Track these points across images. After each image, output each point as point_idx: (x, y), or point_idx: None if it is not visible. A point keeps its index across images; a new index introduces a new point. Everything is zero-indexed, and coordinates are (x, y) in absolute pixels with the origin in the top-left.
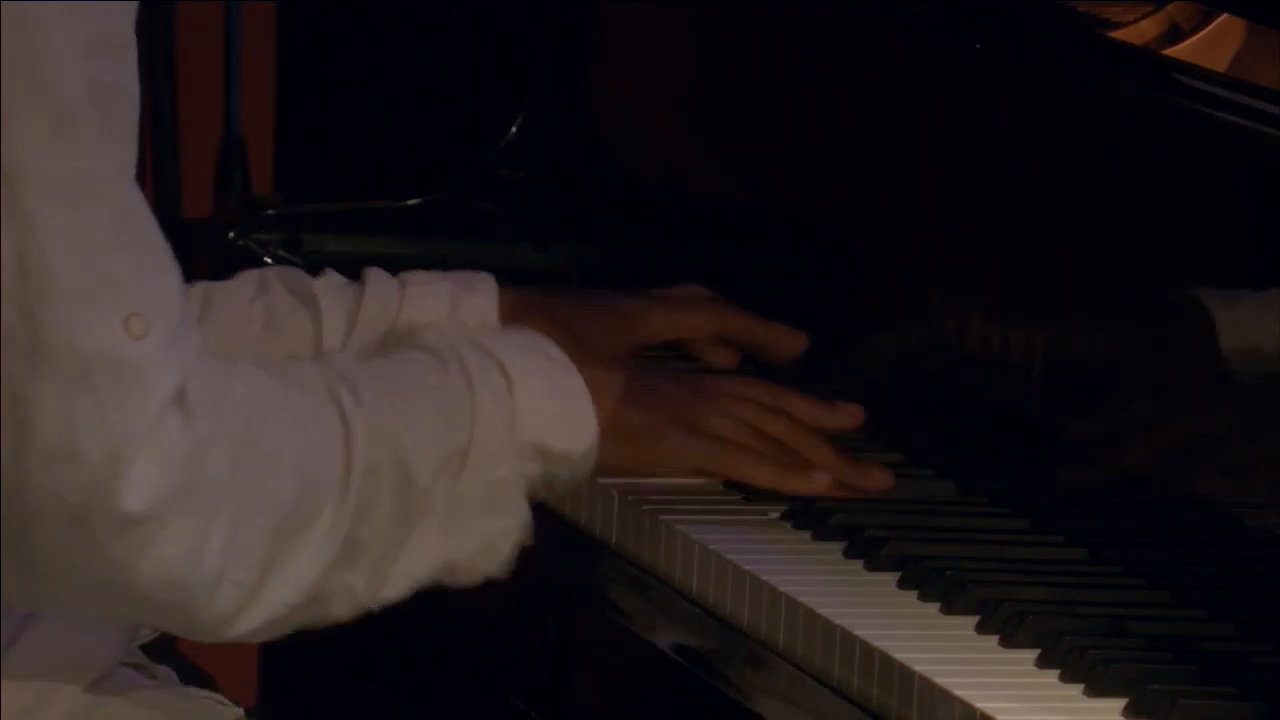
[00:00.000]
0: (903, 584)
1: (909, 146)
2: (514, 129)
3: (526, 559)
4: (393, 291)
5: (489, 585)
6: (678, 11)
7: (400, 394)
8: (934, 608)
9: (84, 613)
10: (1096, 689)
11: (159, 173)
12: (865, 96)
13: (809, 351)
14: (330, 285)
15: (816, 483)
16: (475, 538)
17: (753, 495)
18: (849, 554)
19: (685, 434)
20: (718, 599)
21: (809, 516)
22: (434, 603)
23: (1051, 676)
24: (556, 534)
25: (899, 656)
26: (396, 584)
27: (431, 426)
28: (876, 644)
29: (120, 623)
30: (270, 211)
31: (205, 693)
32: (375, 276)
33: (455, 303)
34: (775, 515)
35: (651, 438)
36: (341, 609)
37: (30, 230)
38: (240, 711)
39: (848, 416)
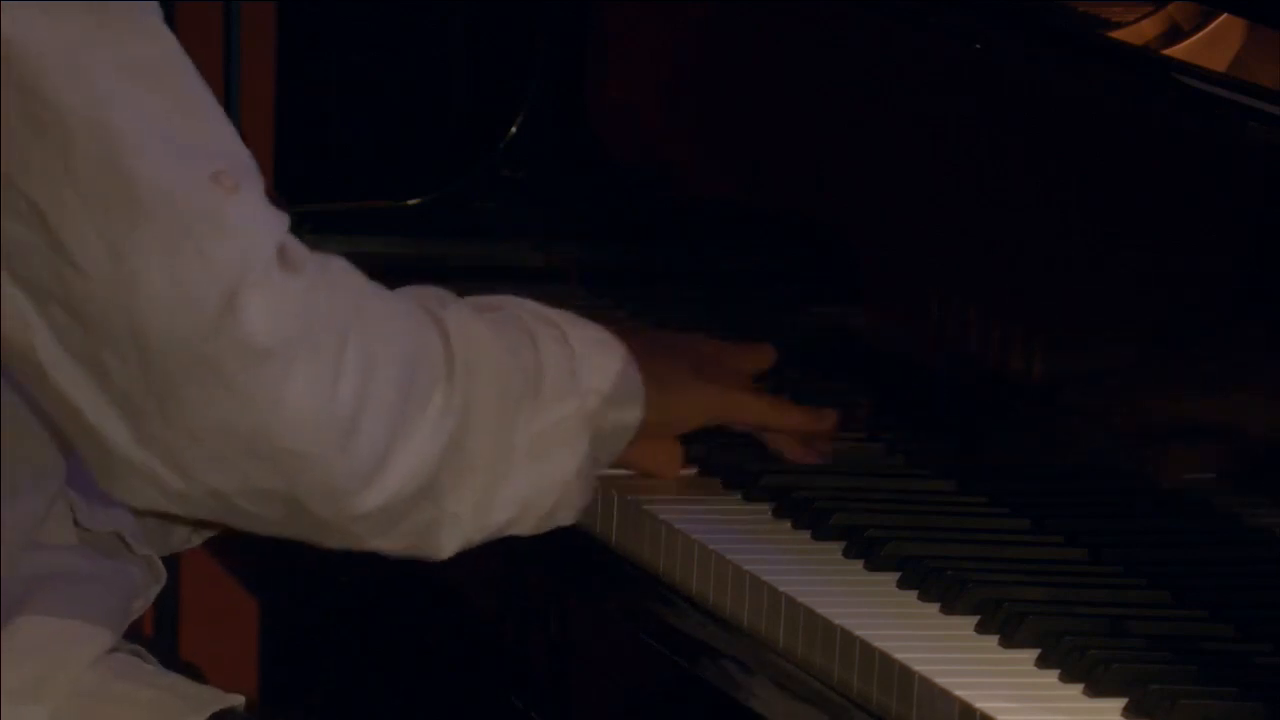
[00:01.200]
0: (903, 584)
1: (909, 146)
2: (514, 129)
3: (527, 559)
4: None
5: (489, 585)
6: (678, 11)
7: (477, 317)
8: (934, 608)
9: (227, 481)
10: (1096, 689)
11: None
12: (865, 96)
13: (809, 352)
14: None
15: (827, 419)
16: (554, 473)
17: (751, 494)
18: (849, 554)
19: (710, 383)
20: (718, 598)
21: (809, 516)
22: (434, 602)
23: (1051, 676)
24: (556, 533)
25: (899, 656)
26: (498, 512)
27: (507, 351)
28: (876, 644)
29: (262, 506)
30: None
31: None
32: None
33: None
34: (774, 515)
35: (685, 385)
36: (449, 539)
37: (108, 104)
38: (242, 698)
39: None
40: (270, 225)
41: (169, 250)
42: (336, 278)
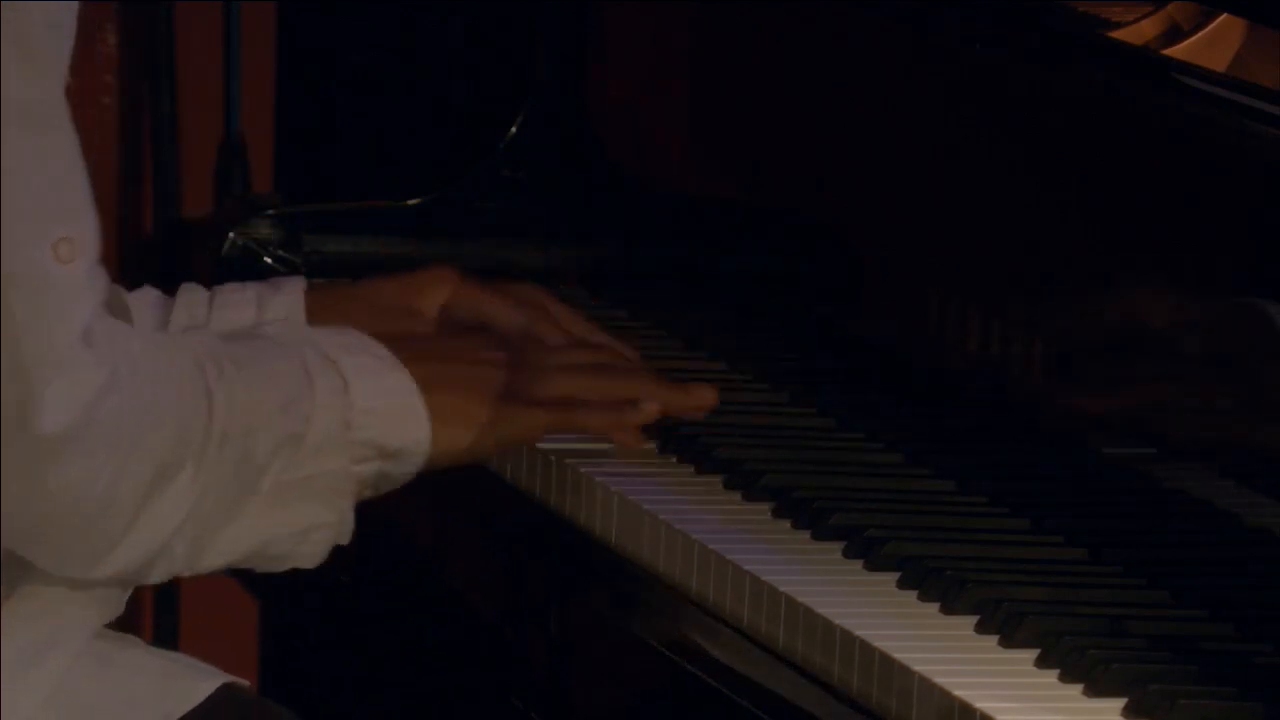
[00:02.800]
0: (903, 584)
1: (909, 147)
2: (514, 129)
3: (527, 559)
4: (201, 302)
5: (489, 585)
6: (678, 11)
7: (252, 373)
8: (934, 608)
9: None
10: (1096, 689)
11: (159, 173)
12: (865, 97)
13: (809, 351)
14: (143, 299)
15: (646, 412)
16: (295, 524)
17: (751, 494)
18: (849, 554)
19: (515, 408)
20: (718, 598)
21: (809, 516)
22: (434, 602)
23: (1051, 676)
24: (555, 533)
25: (899, 656)
26: (214, 556)
27: (274, 410)
28: (876, 644)
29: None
30: (270, 211)
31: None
32: (187, 289)
33: (261, 304)
34: (774, 515)
35: (483, 420)
36: (159, 572)
37: None
38: (248, 682)
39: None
40: (90, 298)
41: None
42: (129, 371)
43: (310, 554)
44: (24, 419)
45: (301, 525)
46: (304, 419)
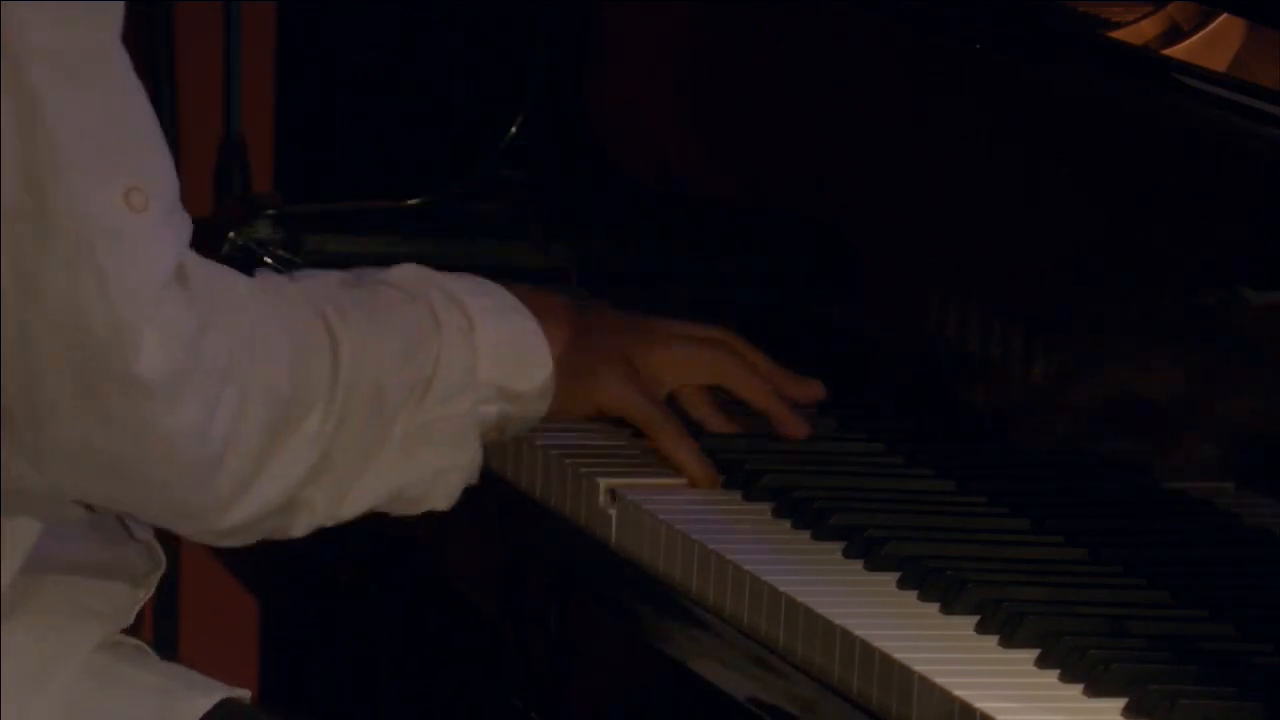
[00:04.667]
0: (903, 584)
1: (909, 146)
2: (514, 129)
3: (527, 559)
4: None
5: (489, 585)
6: (678, 11)
7: (377, 320)
8: (934, 608)
9: (88, 493)
10: (1096, 689)
11: None
12: (865, 96)
13: (809, 351)
14: None
15: (704, 475)
16: (428, 468)
17: (751, 494)
18: (849, 554)
19: (625, 383)
20: (718, 599)
21: (809, 516)
22: (434, 602)
23: (1051, 676)
24: (555, 533)
25: (899, 656)
26: (353, 504)
27: (401, 356)
28: (876, 644)
29: (121, 507)
30: (270, 211)
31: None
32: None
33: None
34: (774, 515)
35: (595, 378)
36: (301, 524)
37: (34, 102)
38: (249, 692)
39: (809, 389)
40: (171, 245)
41: (69, 266)
42: (228, 307)
43: (444, 495)
44: (124, 369)
45: (435, 468)
46: (432, 362)
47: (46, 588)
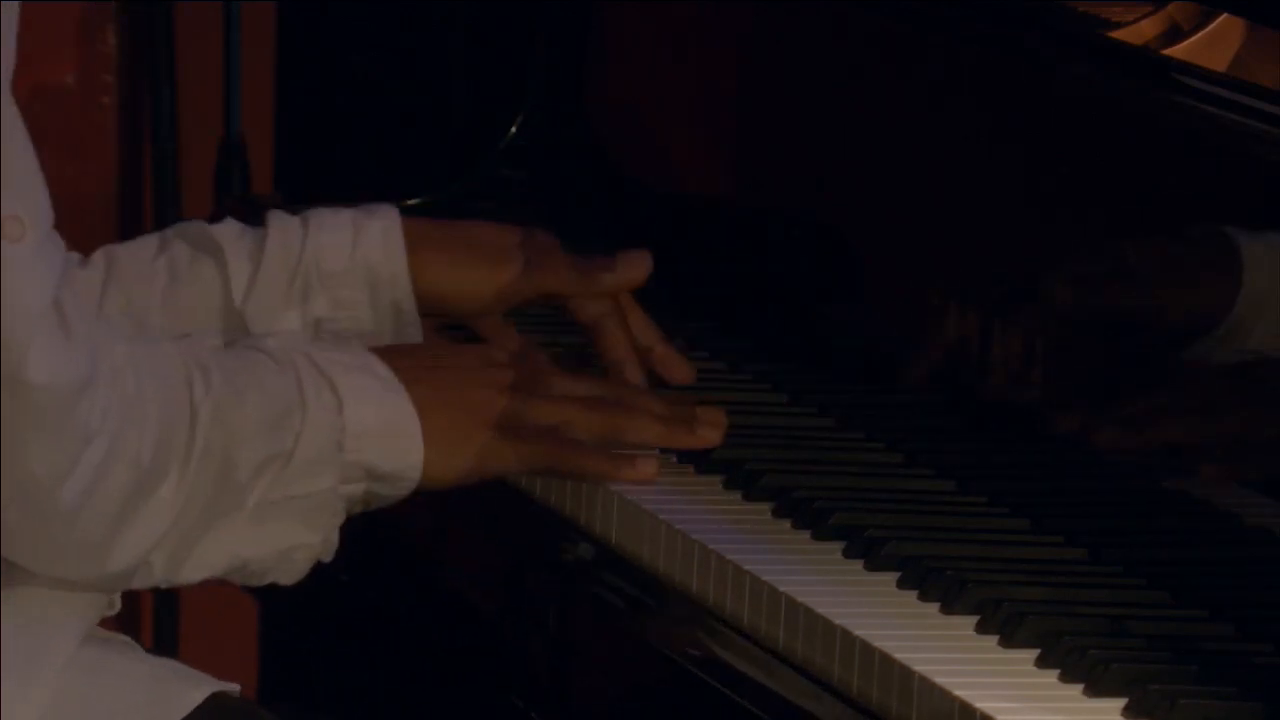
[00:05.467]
0: (903, 584)
1: (909, 146)
2: (514, 129)
3: (527, 559)
4: (295, 227)
5: (489, 585)
6: (678, 11)
7: (240, 388)
8: (934, 608)
9: None
10: (1096, 689)
11: (159, 173)
12: (865, 96)
13: (809, 351)
14: (232, 230)
15: (642, 470)
16: (276, 544)
17: (751, 494)
18: (849, 554)
19: (509, 441)
20: (718, 599)
21: (809, 516)
22: (434, 602)
23: (1051, 676)
24: (556, 532)
25: (899, 656)
26: (191, 570)
27: (263, 427)
28: (876, 644)
29: None
30: (270, 211)
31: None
32: (277, 216)
33: (357, 230)
34: (774, 515)
35: (476, 448)
36: (137, 583)
37: None
38: (238, 686)
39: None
40: (50, 272)
41: None
42: (109, 370)
43: (291, 571)
44: (13, 371)
45: (283, 545)
46: (293, 437)
47: (32, 579)
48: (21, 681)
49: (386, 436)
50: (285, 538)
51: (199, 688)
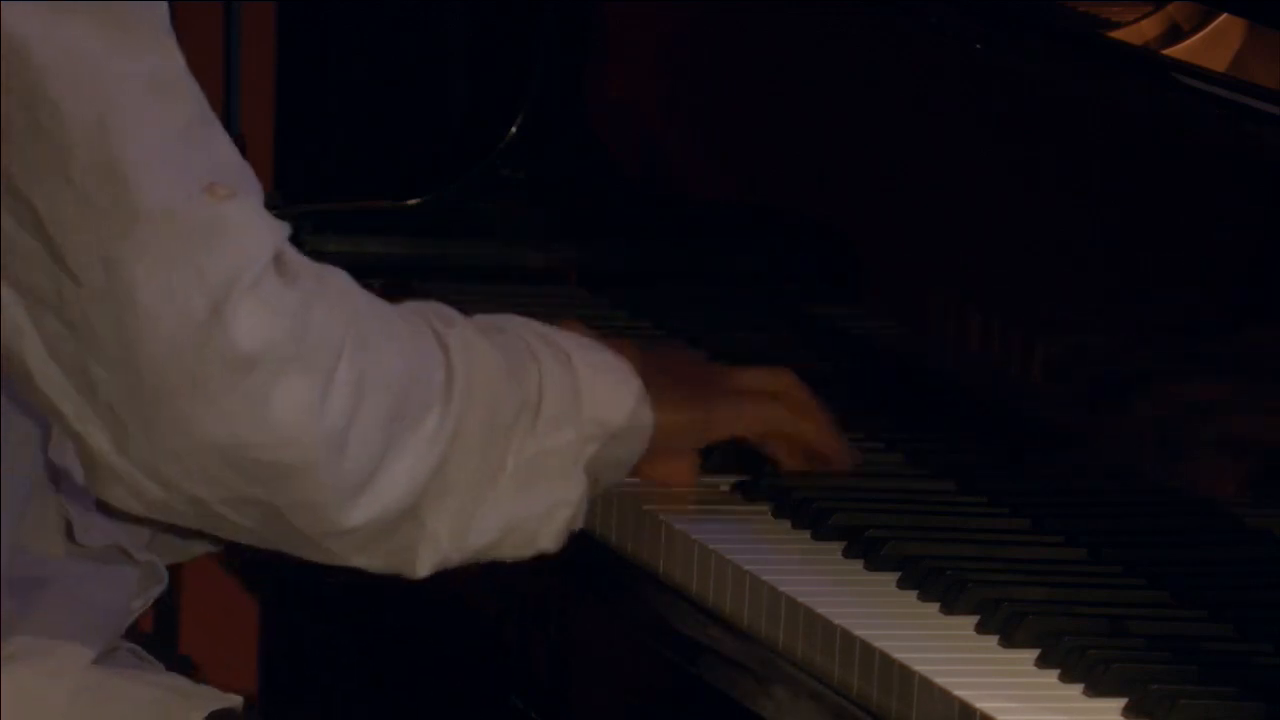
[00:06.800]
0: (903, 584)
1: (909, 147)
2: (514, 129)
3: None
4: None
5: (489, 585)
6: (678, 11)
7: (479, 337)
8: (934, 608)
9: (209, 491)
10: (1096, 689)
11: None
12: (865, 96)
13: (809, 351)
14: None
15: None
16: (542, 502)
17: (751, 494)
18: (849, 554)
19: (736, 402)
20: (718, 599)
21: (809, 516)
22: (434, 602)
23: (1051, 676)
24: None
25: (899, 656)
26: (476, 536)
27: (507, 374)
28: (876, 644)
29: (238, 518)
30: (270, 211)
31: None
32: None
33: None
34: (774, 515)
35: (705, 406)
36: (426, 557)
37: (110, 113)
38: (240, 699)
39: (850, 458)
40: (266, 232)
41: (162, 263)
42: (334, 292)
43: (553, 533)
44: (224, 342)
45: (548, 502)
46: (535, 387)
47: (40, 608)
48: (31, 706)
49: (612, 389)
50: (547, 495)
51: (199, 707)
